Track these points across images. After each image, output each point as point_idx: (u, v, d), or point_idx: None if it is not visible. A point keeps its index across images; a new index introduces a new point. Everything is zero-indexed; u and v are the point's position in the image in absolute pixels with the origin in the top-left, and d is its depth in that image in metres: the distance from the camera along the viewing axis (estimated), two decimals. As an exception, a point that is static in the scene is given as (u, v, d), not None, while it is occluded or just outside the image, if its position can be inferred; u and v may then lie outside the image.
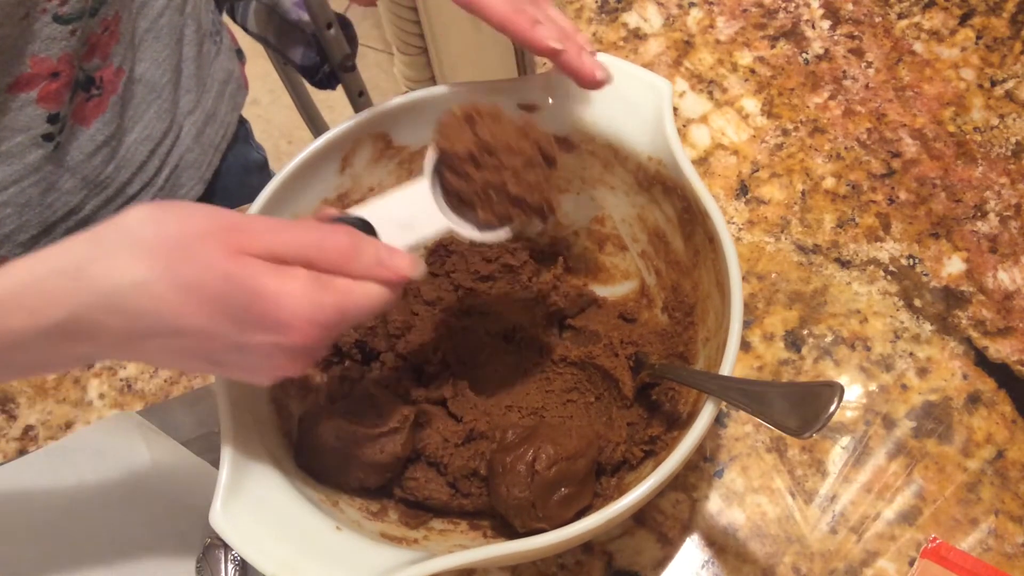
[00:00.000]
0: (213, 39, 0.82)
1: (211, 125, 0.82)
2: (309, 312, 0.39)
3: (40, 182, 0.69)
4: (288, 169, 0.54)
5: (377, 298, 0.42)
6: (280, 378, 0.43)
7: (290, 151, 1.68)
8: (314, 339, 0.40)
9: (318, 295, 0.40)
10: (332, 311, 0.40)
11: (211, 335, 0.39)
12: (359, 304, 0.41)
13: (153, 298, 0.38)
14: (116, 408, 0.63)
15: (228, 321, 0.39)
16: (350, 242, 0.42)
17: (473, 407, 0.56)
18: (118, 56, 0.70)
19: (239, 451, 0.47)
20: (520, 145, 0.46)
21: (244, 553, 0.44)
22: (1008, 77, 0.73)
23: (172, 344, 0.40)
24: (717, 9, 0.77)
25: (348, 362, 0.58)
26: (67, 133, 0.69)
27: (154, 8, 0.73)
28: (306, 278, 0.40)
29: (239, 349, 0.40)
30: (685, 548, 0.57)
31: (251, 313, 0.39)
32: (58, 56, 0.63)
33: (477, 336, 0.58)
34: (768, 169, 0.70)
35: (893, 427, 0.60)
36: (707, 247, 0.52)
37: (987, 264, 0.65)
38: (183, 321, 0.39)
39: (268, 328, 0.39)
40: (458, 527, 0.54)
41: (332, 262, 0.41)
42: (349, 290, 0.41)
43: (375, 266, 0.42)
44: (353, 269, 0.41)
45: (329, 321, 0.40)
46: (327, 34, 0.90)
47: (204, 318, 0.39)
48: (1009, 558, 0.56)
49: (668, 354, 0.56)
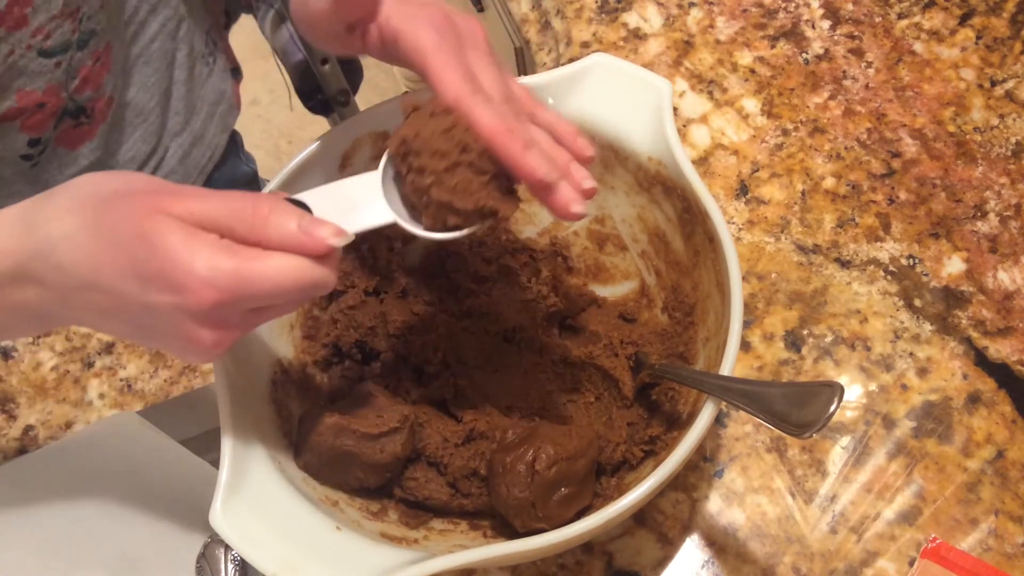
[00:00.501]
0: (206, 60, 0.81)
1: (198, 147, 0.82)
2: (205, 273, 0.38)
3: (12, 194, 0.69)
4: (288, 168, 0.54)
5: (290, 270, 0.39)
6: (205, 357, 0.42)
7: (290, 151, 1.67)
8: (211, 303, 0.38)
9: (218, 258, 0.38)
10: (230, 275, 0.38)
11: (120, 291, 0.40)
12: (264, 273, 0.39)
13: (75, 248, 0.40)
14: (116, 408, 0.63)
15: (133, 276, 0.39)
16: (268, 208, 0.40)
17: (473, 407, 0.56)
18: (110, 85, 0.70)
19: (239, 451, 0.47)
20: (443, 147, 0.43)
21: (244, 553, 0.44)
22: (1008, 77, 0.73)
23: (94, 300, 0.40)
24: (717, 9, 0.77)
25: (348, 362, 0.58)
26: (48, 155, 0.69)
27: (146, 35, 0.73)
28: (212, 241, 0.39)
29: (147, 310, 0.40)
30: (685, 548, 0.57)
31: (151, 268, 0.38)
32: (43, 88, 0.64)
33: (477, 336, 0.58)
34: (768, 169, 0.70)
35: (893, 427, 0.60)
36: (707, 247, 0.52)
37: (987, 264, 0.65)
38: (97, 274, 0.39)
39: (165, 287, 0.38)
40: (458, 527, 0.54)
41: (248, 228, 0.39)
42: (255, 255, 0.39)
43: (294, 232, 0.40)
44: (269, 234, 0.39)
45: (227, 285, 0.38)
46: (322, 69, 0.89)
47: (115, 271, 0.39)
48: (1009, 558, 0.56)
49: (668, 354, 0.56)
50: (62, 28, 0.62)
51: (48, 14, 0.61)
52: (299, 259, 0.40)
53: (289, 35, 0.90)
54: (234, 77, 0.89)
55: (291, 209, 0.40)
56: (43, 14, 0.60)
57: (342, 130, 0.55)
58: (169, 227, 0.38)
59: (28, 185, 0.69)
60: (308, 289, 0.40)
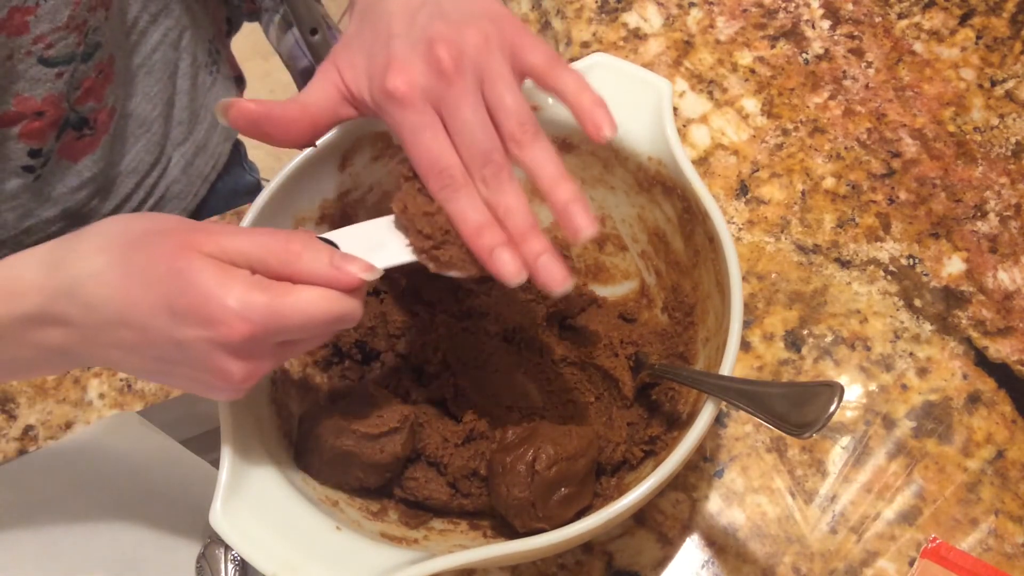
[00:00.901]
0: (209, 69, 0.81)
1: (201, 156, 0.81)
2: (239, 307, 0.38)
3: (17, 207, 0.69)
4: (288, 169, 0.54)
5: (321, 302, 0.40)
6: (230, 393, 0.42)
7: (290, 151, 1.67)
8: (244, 336, 0.39)
9: (251, 292, 0.39)
10: (263, 309, 0.39)
11: (151, 327, 0.40)
12: (296, 305, 0.40)
13: (105, 286, 0.40)
14: (116, 408, 0.63)
15: (165, 312, 0.39)
16: (301, 243, 0.41)
17: (473, 407, 0.56)
18: (112, 96, 0.69)
19: (239, 451, 0.47)
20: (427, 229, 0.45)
21: (244, 553, 0.44)
22: (1008, 77, 0.73)
23: (121, 337, 0.41)
24: (717, 9, 0.77)
25: (348, 362, 0.58)
26: (51, 167, 0.68)
27: (148, 44, 0.72)
28: (245, 276, 0.39)
29: (177, 345, 0.40)
30: (685, 548, 0.57)
31: (183, 304, 0.39)
32: (42, 96, 0.63)
33: (477, 336, 0.58)
34: (768, 169, 0.70)
35: (893, 427, 0.60)
36: (707, 247, 0.52)
37: (987, 264, 0.65)
38: (127, 309, 0.40)
39: (199, 322, 0.39)
40: (458, 527, 0.54)
41: (281, 262, 0.40)
42: (286, 291, 0.40)
43: (324, 267, 0.41)
44: (300, 269, 0.40)
45: (260, 319, 0.39)
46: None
47: (146, 307, 0.39)
48: (1009, 558, 0.56)
49: (668, 354, 0.56)
50: (66, 40, 0.62)
51: (51, 24, 0.60)
52: (329, 292, 0.41)
53: (294, 40, 0.90)
54: (237, 86, 0.89)
55: (322, 245, 0.41)
56: (46, 23, 0.60)
57: (342, 130, 0.55)
58: (202, 263, 0.39)
59: (33, 198, 0.69)
60: (337, 321, 0.41)
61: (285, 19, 0.88)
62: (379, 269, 0.43)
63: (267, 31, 0.94)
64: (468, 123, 0.44)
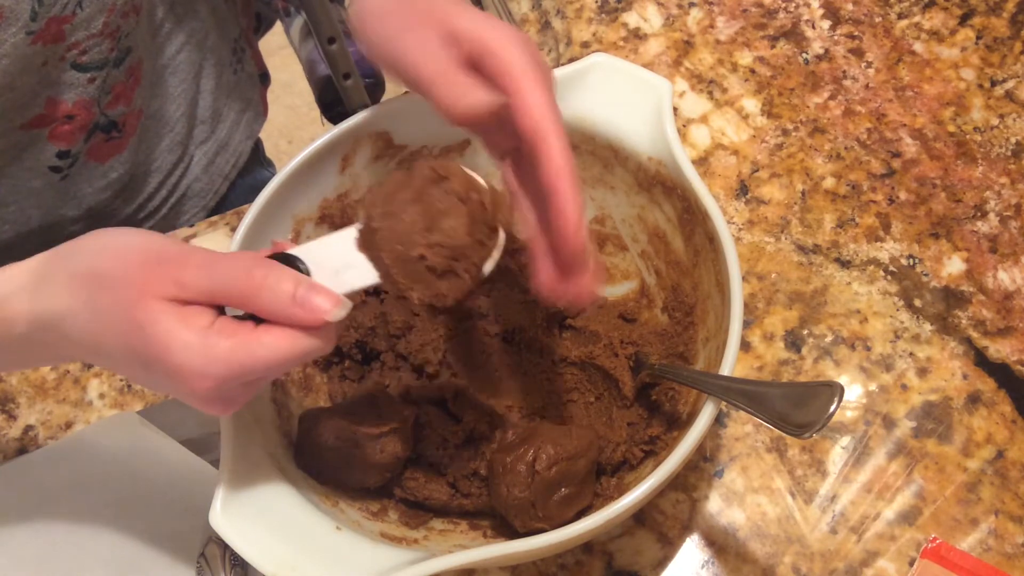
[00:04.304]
0: (234, 68, 0.81)
1: (222, 155, 0.81)
2: (200, 363, 0.38)
3: (42, 205, 0.69)
4: (288, 169, 0.54)
5: (283, 346, 0.38)
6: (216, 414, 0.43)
7: (290, 151, 1.67)
8: (208, 389, 0.38)
9: (211, 346, 0.38)
10: (222, 364, 0.38)
11: (127, 367, 0.41)
12: (257, 353, 0.38)
13: (77, 326, 0.41)
14: (116, 408, 0.63)
15: (136, 360, 0.40)
16: (263, 273, 0.38)
17: (473, 407, 0.56)
18: (140, 98, 0.70)
19: (239, 451, 0.47)
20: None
21: (244, 553, 0.44)
22: (1008, 77, 0.73)
23: (105, 363, 0.43)
24: (717, 9, 0.77)
25: (348, 362, 0.58)
26: (78, 167, 0.69)
27: (173, 46, 0.72)
28: (203, 327, 0.38)
29: (155, 384, 0.42)
30: (685, 548, 0.57)
31: (148, 356, 0.39)
32: (73, 101, 0.63)
33: (477, 337, 0.58)
34: (768, 169, 0.70)
35: (893, 427, 0.60)
36: (707, 247, 0.52)
37: (987, 264, 0.65)
38: (103, 348, 0.41)
39: (163, 373, 0.39)
40: (458, 527, 0.54)
41: (242, 297, 0.38)
42: (248, 340, 0.38)
43: (288, 304, 0.38)
44: (263, 305, 0.38)
45: (221, 373, 0.38)
46: (344, 84, 0.89)
47: (118, 353, 0.40)
48: (1009, 558, 0.56)
49: (668, 354, 0.56)
50: (100, 47, 0.62)
51: (87, 32, 0.60)
52: (292, 334, 0.39)
53: (314, 46, 0.90)
54: (262, 83, 0.89)
55: (286, 274, 0.39)
56: (82, 31, 0.60)
57: (343, 130, 0.55)
58: (159, 315, 0.38)
59: (58, 197, 0.69)
60: (304, 358, 0.39)
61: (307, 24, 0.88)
62: (347, 303, 0.40)
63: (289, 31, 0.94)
64: None
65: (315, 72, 0.93)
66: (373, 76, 0.92)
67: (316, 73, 0.93)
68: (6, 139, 0.63)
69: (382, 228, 0.41)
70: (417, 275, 0.41)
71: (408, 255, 0.41)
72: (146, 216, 0.77)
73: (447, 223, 0.41)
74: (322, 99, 0.94)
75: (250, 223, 0.52)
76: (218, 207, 0.83)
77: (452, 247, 0.41)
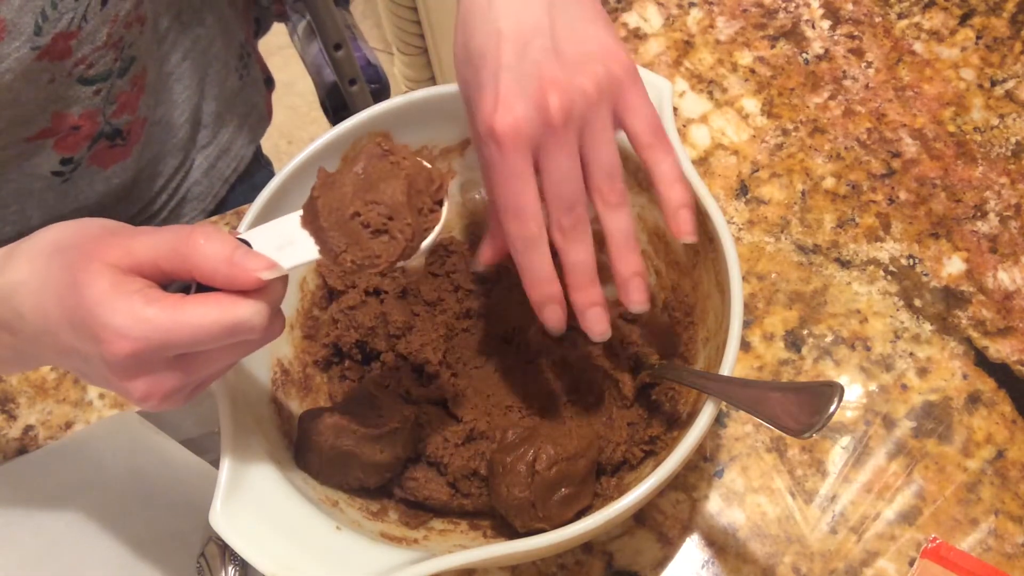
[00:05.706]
0: (239, 73, 0.80)
1: (224, 159, 0.81)
2: (121, 322, 0.37)
3: (42, 205, 0.69)
4: (289, 168, 0.54)
5: (210, 312, 0.38)
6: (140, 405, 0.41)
7: (290, 151, 1.67)
8: (125, 353, 0.38)
9: (136, 307, 0.37)
10: (145, 323, 0.37)
11: (62, 339, 0.40)
12: (181, 318, 0.38)
13: (28, 295, 0.41)
14: (116, 408, 0.63)
15: (68, 325, 0.39)
16: (203, 235, 0.39)
17: (473, 407, 0.56)
18: (144, 106, 0.69)
19: (239, 451, 0.47)
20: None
21: (244, 553, 0.44)
22: (1008, 77, 0.73)
23: (49, 344, 0.41)
24: (717, 9, 0.77)
25: (348, 362, 0.58)
26: (80, 172, 0.68)
27: (177, 53, 0.72)
28: (135, 290, 0.38)
29: (84, 358, 0.40)
30: (685, 548, 0.57)
31: (77, 319, 0.38)
32: (79, 113, 0.63)
33: (477, 337, 0.58)
34: (768, 169, 0.70)
35: (893, 427, 0.60)
36: (707, 247, 0.52)
37: (987, 264, 0.65)
38: (45, 321, 0.40)
39: (88, 337, 0.38)
40: (458, 527, 0.54)
41: (181, 256, 0.39)
42: (175, 304, 0.38)
43: (223, 262, 0.39)
44: (199, 262, 0.39)
45: (141, 335, 0.37)
46: (350, 89, 0.88)
47: (55, 319, 0.40)
48: (1009, 558, 0.56)
49: (668, 354, 0.56)
50: (105, 58, 0.62)
51: (92, 45, 0.60)
52: (221, 300, 0.38)
53: (319, 50, 0.90)
54: (267, 87, 0.88)
55: (225, 238, 0.39)
56: (87, 45, 0.60)
57: (343, 130, 0.55)
58: (96, 277, 0.38)
59: (57, 199, 0.69)
60: (233, 331, 0.39)
61: (311, 26, 0.88)
62: (283, 268, 0.40)
63: (293, 35, 0.94)
64: (562, 172, 0.45)
65: (321, 77, 0.93)
66: (378, 82, 0.92)
67: (322, 78, 0.93)
68: (10, 150, 0.63)
69: (322, 196, 0.42)
70: (350, 234, 0.41)
71: (343, 215, 0.41)
72: (146, 218, 0.77)
73: (384, 185, 0.42)
74: (328, 104, 0.94)
75: (250, 223, 0.52)
76: (217, 208, 0.83)
77: (387, 205, 0.41)
